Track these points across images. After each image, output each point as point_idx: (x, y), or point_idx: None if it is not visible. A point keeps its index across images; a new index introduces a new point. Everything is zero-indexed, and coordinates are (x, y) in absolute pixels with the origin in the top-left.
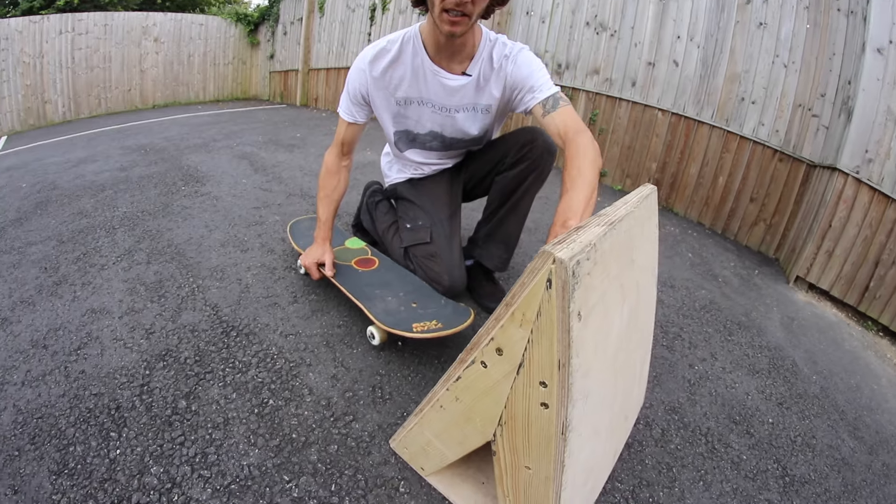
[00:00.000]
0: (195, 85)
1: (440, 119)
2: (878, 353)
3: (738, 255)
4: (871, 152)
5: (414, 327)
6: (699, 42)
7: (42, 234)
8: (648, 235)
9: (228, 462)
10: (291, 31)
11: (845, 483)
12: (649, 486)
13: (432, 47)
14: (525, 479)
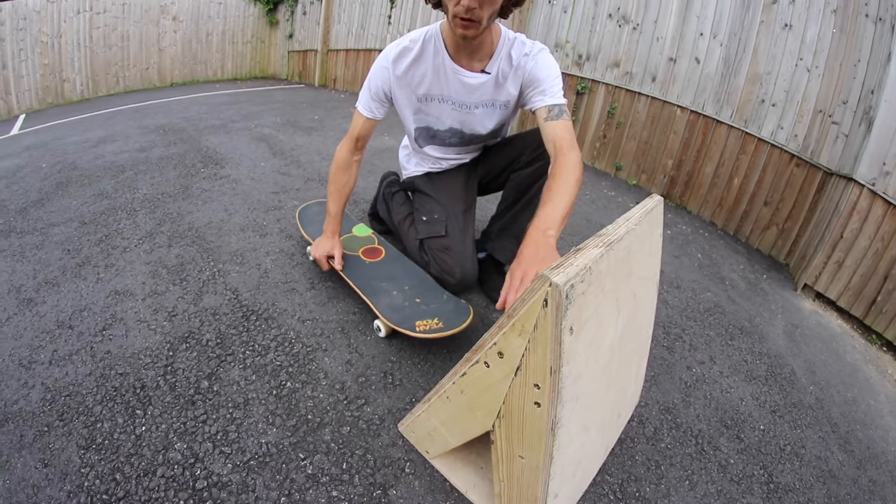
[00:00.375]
0: (213, 63)
1: (460, 116)
2: (880, 368)
3: (748, 258)
4: (888, 165)
5: (417, 325)
6: (722, 40)
7: (64, 216)
8: (650, 247)
9: (248, 440)
10: (311, 11)
11: (829, 495)
12: (637, 481)
13: (452, 46)
14: (518, 467)
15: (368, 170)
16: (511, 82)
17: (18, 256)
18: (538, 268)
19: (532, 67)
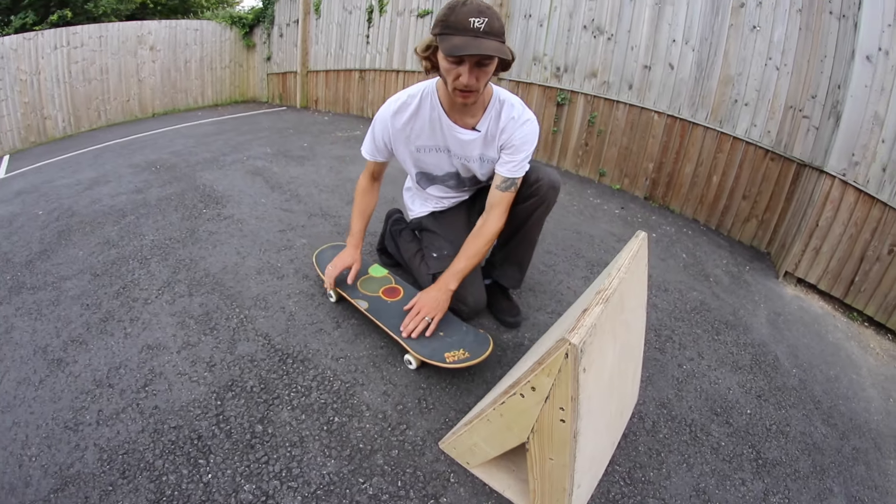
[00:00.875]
0: (193, 91)
1: (456, 163)
2: (862, 344)
3: (731, 250)
4: (857, 155)
5: (446, 357)
6: (694, 45)
7: (73, 268)
8: (638, 282)
9: (311, 473)
10: (288, 32)
11: (814, 465)
12: (642, 468)
13: (447, 104)
14: (549, 467)
15: (386, 203)
16: (497, 140)
17: (36, 314)
18: (430, 310)
19: (513, 136)
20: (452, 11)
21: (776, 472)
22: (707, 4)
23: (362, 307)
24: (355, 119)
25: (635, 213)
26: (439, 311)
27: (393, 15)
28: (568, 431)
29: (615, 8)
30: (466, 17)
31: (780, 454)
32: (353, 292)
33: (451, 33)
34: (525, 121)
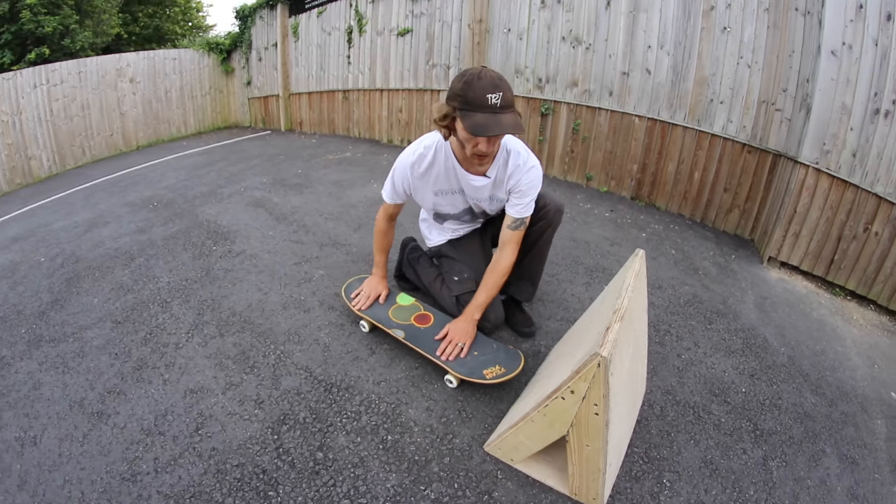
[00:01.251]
0: (176, 120)
1: (470, 202)
2: (845, 317)
3: (717, 241)
4: (828, 144)
5: (486, 373)
6: (669, 50)
7: (92, 316)
8: (641, 293)
9: (376, 488)
10: (266, 56)
11: (807, 431)
12: (656, 448)
13: (460, 157)
14: (586, 453)
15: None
16: (505, 185)
17: (62, 368)
18: (460, 338)
19: (521, 181)
20: (470, 87)
21: (773, 440)
22: (679, 9)
23: (399, 336)
24: (343, 139)
25: (624, 215)
26: (469, 339)
27: (373, 35)
28: (601, 422)
29: (591, 18)
30: (484, 94)
31: (775, 424)
32: (387, 322)
33: (471, 110)
34: (530, 167)
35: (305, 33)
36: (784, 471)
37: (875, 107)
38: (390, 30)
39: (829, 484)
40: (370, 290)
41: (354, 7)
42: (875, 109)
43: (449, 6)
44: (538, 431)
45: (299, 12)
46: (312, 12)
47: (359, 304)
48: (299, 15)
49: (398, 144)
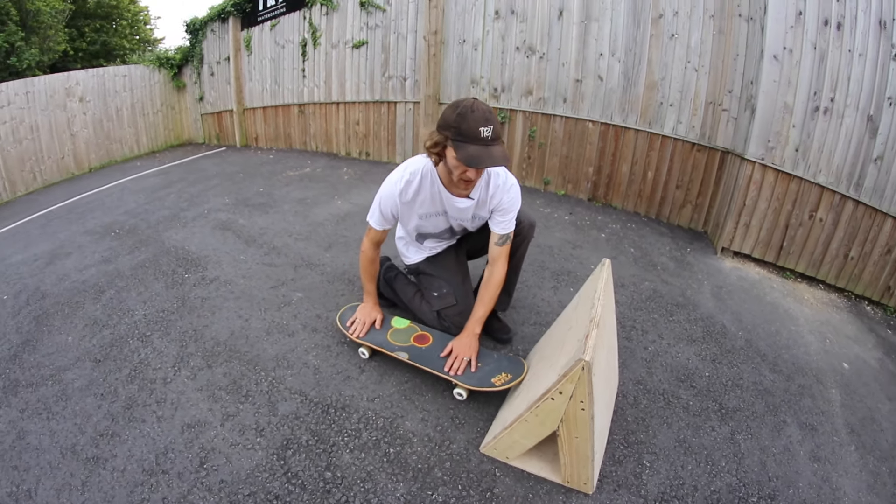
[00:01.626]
0: (128, 139)
1: (452, 222)
2: (797, 297)
3: (672, 236)
4: (772, 141)
5: (494, 381)
6: (620, 57)
7: (69, 356)
8: (610, 299)
9: (387, 499)
10: (219, 70)
11: (768, 405)
12: (633, 433)
13: (446, 181)
14: (575, 444)
15: (344, 243)
16: (488, 204)
17: (46, 413)
18: (465, 353)
19: (503, 200)
20: (464, 119)
21: (738, 417)
22: (629, 18)
23: (404, 358)
24: (300, 154)
25: (583, 216)
26: (474, 353)
27: (327, 47)
28: (587, 416)
29: (544, 28)
30: (476, 127)
31: (739, 402)
32: (388, 346)
33: (464, 141)
34: (510, 186)
35: (258, 47)
36: (750, 442)
37: (815, 105)
38: (345, 42)
39: (793, 450)
40: (365, 317)
41: (308, 20)
42: (815, 107)
43: (404, 18)
44: (531, 430)
45: (252, 25)
46: (265, 25)
47: (356, 332)
48: (252, 28)
49: (356, 157)
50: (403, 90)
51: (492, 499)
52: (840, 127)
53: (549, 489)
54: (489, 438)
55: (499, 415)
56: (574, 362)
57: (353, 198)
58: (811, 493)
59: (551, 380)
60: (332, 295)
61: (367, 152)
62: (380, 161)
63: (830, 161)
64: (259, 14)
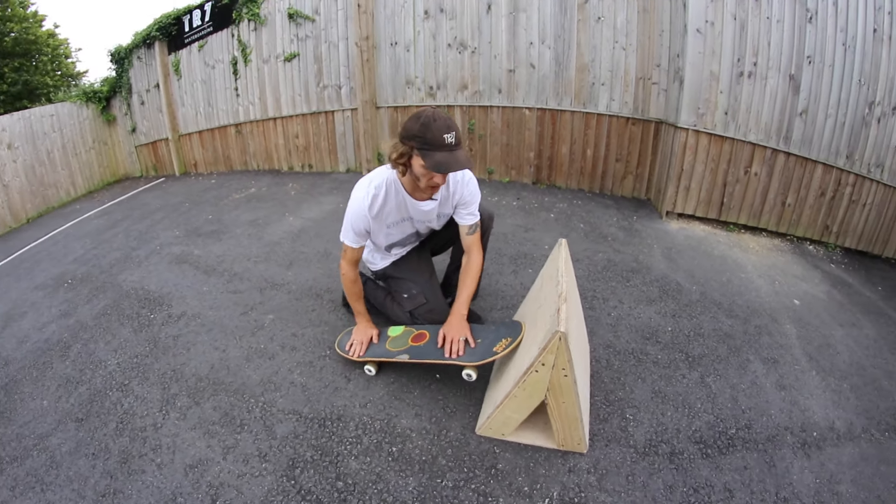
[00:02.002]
0: (63, 182)
1: (419, 226)
2: (742, 247)
3: (618, 207)
4: (702, 108)
5: (495, 350)
6: (550, 44)
7: (48, 421)
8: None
9: (401, 494)
10: (149, 99)
11: (730, 347)
12: (612, 392)
13: (409, 188)
14: (563, 409)
15: (303, 259)
16: (451, 201)
17: (39, 486)
18: (458, 333)
19: (464, 194)
20: (428, 129)
21: (704, 362)
22: (556, 6)
23: (405, 359)
24: (242, 175)
25: (530, 200)
26: (465, 331)
27: (259, 63)
28: (570, 381)
29: (474, 23)
30: (441, 135)
31: (703, 349)
32: (389, 354)
33: (430, 149)
34: (468, 180)
35: (188, 70)
36: (720, 383)
37: (739, 70)
38: (276, 56)
39: (759, 383)
40: (362, 337)
41: (237, 37)
42: (739, 73)
43: (334, 26)
44: (521, 403)
45: (179, 48)
46: (193, 47)
47: (356, 352)
48: (179, 51)
49: (300, 171)
50: (340, 98)
51: (497, 474)
52: (765, 88)
53: (548, 455)
54: (483, 420)
55: (486, 397)
56: (551, 335)
57: (304, 213)
58: (783, 417)
59: (533, 354)
60: (302, 312)
61: (310, 164)
62: (324, 172)
63: (759, 120)
64: (185, 36)
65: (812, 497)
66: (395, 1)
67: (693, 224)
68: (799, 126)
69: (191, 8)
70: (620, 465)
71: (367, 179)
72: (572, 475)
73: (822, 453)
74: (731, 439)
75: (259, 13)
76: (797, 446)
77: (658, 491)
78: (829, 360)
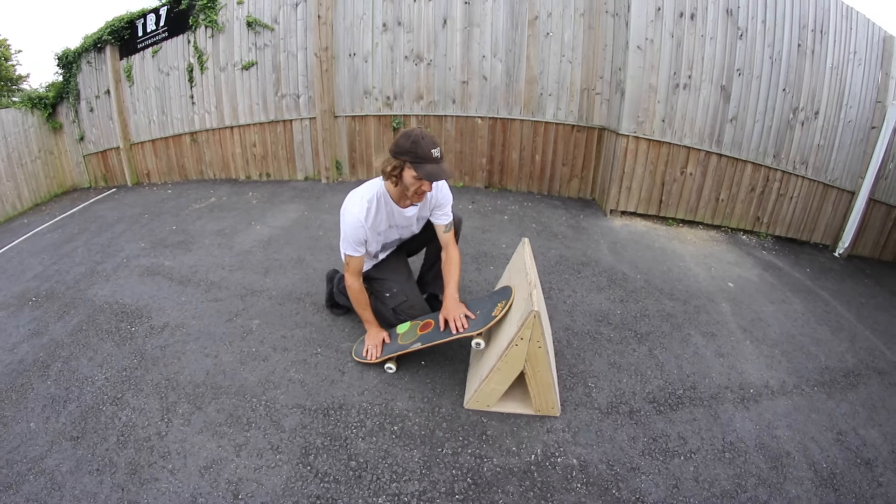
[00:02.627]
0: (9, 196)
1: (404, 231)
2: (681, 240)
3: (565, 207)
4: (642, 116)
5: (494, 314)
6: (501, 57)
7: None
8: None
9: (410, 464)
10: (99, 105)
11: (672, 325)
12: (575, 366)
13: (396, 197)
14: (538, 377)
15: (279, 266)
16: (428, 205)
17: None
18: (457, 311)
19: (439, 197)
20: (418, 145)
21: (651, 338)
22: (507, 22)
23: (419, 347)
24: (199, 185)
25: (484, 203)
26: (463, 309)
27: (215, 71)
28: (544, 352)
29: (431, 37)
30: (429, 150)
31: (649, 327)
32: (403, 347)
33: (422, 162)
34: (441, 185)
35: (141, 76)
36: (666, 354)
37: (675, 82)
38: (234, 64)
39: (700, 353)
40: (375, 341)
41: (193, 43)
42: (675, 84)
43: (293, 36)
44: (504, 375)
45: (131, 53)
46: (146, 52)
47: (373, 355)
48: (131, 56)
49: (258, 180)
50: (298, 107)
51: (487, 440)
52: (698, 98)
53: (528, 420)
54: (470, 394)
55: (469, 376)
56: (527, 314)
57: (270, 221)
58: (723, 379)
59: (511, 332)
60: (287, 315)
61: (268, 173)
62: (282, 180)
63: (693, 126)
64: (139, 40)
65: (754, 440)
66: (355, 13)
67: (635, 220)
68: (729, 131)
69: (145, 12)
70: (589, 423)
71: (357, 195)
72: (551, 434)
73: (760, 406)
74: (679, 398)
75: (217, 20)
76: (737, 401)
77: (623, 442)
78: (762, 332)
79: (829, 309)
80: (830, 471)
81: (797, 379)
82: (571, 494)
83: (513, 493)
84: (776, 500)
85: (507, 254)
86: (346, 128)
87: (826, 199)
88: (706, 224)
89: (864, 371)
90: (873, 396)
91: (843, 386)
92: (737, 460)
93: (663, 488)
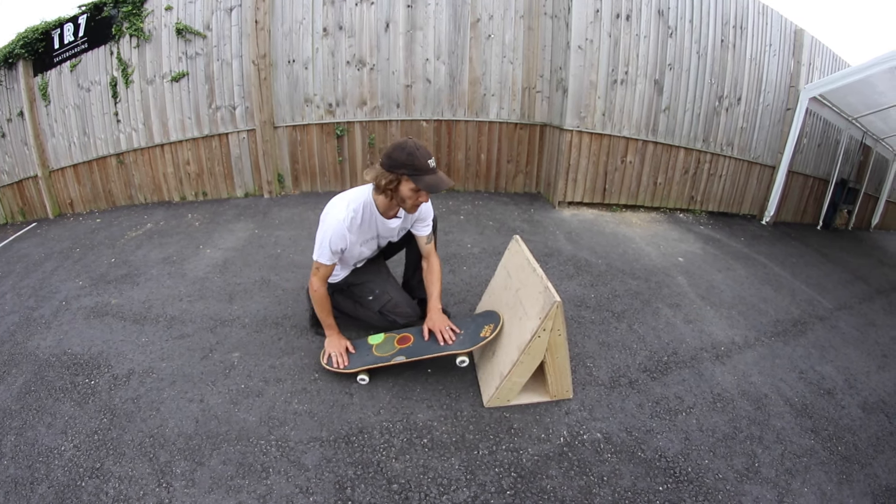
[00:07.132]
0: None
1: (381, 241)
2: (627, 223)
3: (515, 203)
4: (584, 112)
5: (482, 335)
6: (444, 60)
7: None
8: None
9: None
10: (11, 130)
11: (641, 300)
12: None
13: (382, 209)
14: (557, 363)
15: (243, 291)
16: (411, 217)
17: None
18: (443, 324)
19: (422, 212)
20: (414, 157)
21: (627, 314)
22: (450, 25)
23: (402, 360)
24: (130, 210)
25: (436, 205)
26: (447, 322)
27: (142, 84)
28: (563, 339)
29: (373, 41)
30: (425, 161)
31: (622, 306)
32: (381, 360)
33: (420, 174)
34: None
35: (58, 94)
36: (643, 327)
37: (613, 79)
38: (162, 76)
39: (672, 322)
40: (339, 349)
41: (116, 55)
42: (613, 80)
43: (227, 43)
44: (526, 367)
45: (47, 68)
46: (63, 67)
47: (338, 363)
48: (47, 72)
49: (194, 200)
50: (234, 119)
51: (516, 433)
52: (634, 92)
53: (546, 407)
54: (491, 393)
55: (483, 376)
56: (550, 305)
57: (220, 242)
58: (697, 342)
59: (531, 325)
60: (269, 343)
61: (205, 192)
62: (220, 199)
63: (630, 118)
64: (55, 53)
65: (736, 388)
66: (293, 17)
67: (582, 209)
68: (663, 120)
69: (62, 21)
70: (599, 399)
71: (343, 201)
72: (570, 416)
73: (732, 360)
74: (666, 364)
75: (143, 28)
76: (714, 359)
77: (633, 409)
78: (717, 297)
79: (768, 271)
80: (802, 403)
81: (756, 333)
82: (606, 465)
83: (556, 476)
84: (768, 433)
85: (474, 253)
86: (287, 138)
87: (751, 174)
88: (647, 207)
89: (808, 319)
90: (820, 339)
91: (795, 333)
92: (727, 408)
93: (677, 442)
